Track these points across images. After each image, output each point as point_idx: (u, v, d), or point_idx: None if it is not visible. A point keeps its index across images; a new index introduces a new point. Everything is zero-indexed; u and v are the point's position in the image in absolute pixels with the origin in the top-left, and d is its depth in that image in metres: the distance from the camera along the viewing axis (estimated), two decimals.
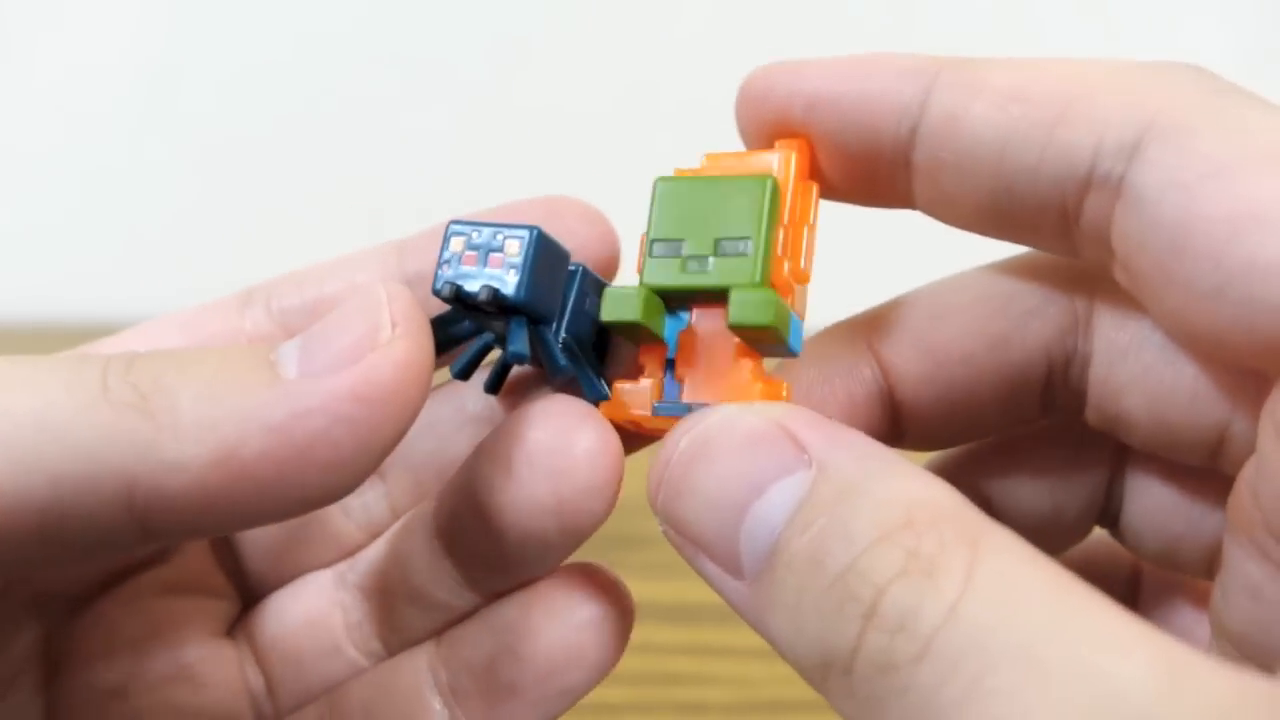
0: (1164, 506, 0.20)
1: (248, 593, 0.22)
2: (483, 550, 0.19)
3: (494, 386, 0.20)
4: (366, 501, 0.22)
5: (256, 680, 0.21)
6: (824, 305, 0.21)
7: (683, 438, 0.16)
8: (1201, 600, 0.21)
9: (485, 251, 0.18)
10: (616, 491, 0.18)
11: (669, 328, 0.19)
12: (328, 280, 0.21)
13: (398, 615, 0.21)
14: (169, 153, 0.63)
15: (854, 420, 0.20)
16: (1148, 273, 0.16)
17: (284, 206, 0.63)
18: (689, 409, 0.17)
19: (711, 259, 0.18)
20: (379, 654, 0.21)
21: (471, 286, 0.17)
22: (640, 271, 0.18)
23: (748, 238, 0.17)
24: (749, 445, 0.15)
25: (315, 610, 0.21)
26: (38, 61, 0.62)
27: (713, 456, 0.15)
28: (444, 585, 0.20)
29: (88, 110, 0.63)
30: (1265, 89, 0.16)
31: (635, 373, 0.19)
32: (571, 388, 0.19)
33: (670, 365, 0.19)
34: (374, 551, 0.21)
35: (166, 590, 0.21)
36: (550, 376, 0.19)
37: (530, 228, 0.18)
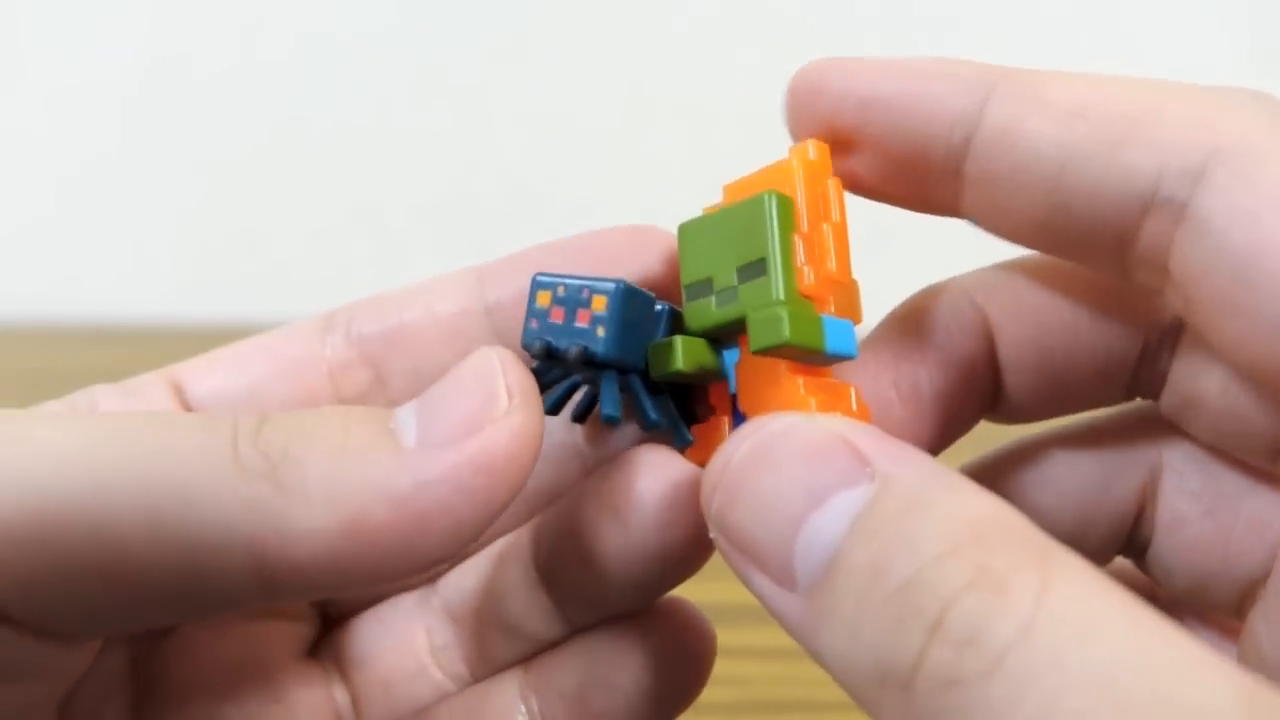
0: (1200, 541, 0.20)
1: (327, 614, 0.23)
2: (584, 589, 0.20)
3: (581, 416, 0.20)
4: None
5: (344, 702, 0.21)
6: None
7: (742, 444, 0.16)
8: (1223, 634, 0.21)
9: (572, 306, 0.18)
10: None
11: (727, 363, 0.19)
12: (408, 308, 0.21)
13: (488, 643, 0.21)
14: (170, 153, 0.63)
15: (960, 380, 0.20)
16: (1209, 301, 0.15)
17: (284, 206, 0.63)
18: None
19: (737, 288, 0.18)
20: (465, 679, 0.21)
21: (561, 344, 0.18)
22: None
23: (763, 258, 0.17)
24: (810, 455, 0.15)
25: (401, 633, 0.22)
26: (38, 60, 0.62)
27: (772, 465, 0.15)
28: (538, 617, 0.20)
29: (89, 111, 0.63)
30: (1265, 89, 0.16)
31: (709, 412, 0.19)
32: (661, 433, 0.20)
33: (734, 400, 0.19)
34: (464, 579, 0.22)
35: (251, 614, 0.21)
36: (641, 429, 0.19)
37: (616, 282, 0.18)
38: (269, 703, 0.21)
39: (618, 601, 0.20)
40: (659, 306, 0.19)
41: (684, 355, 0.18)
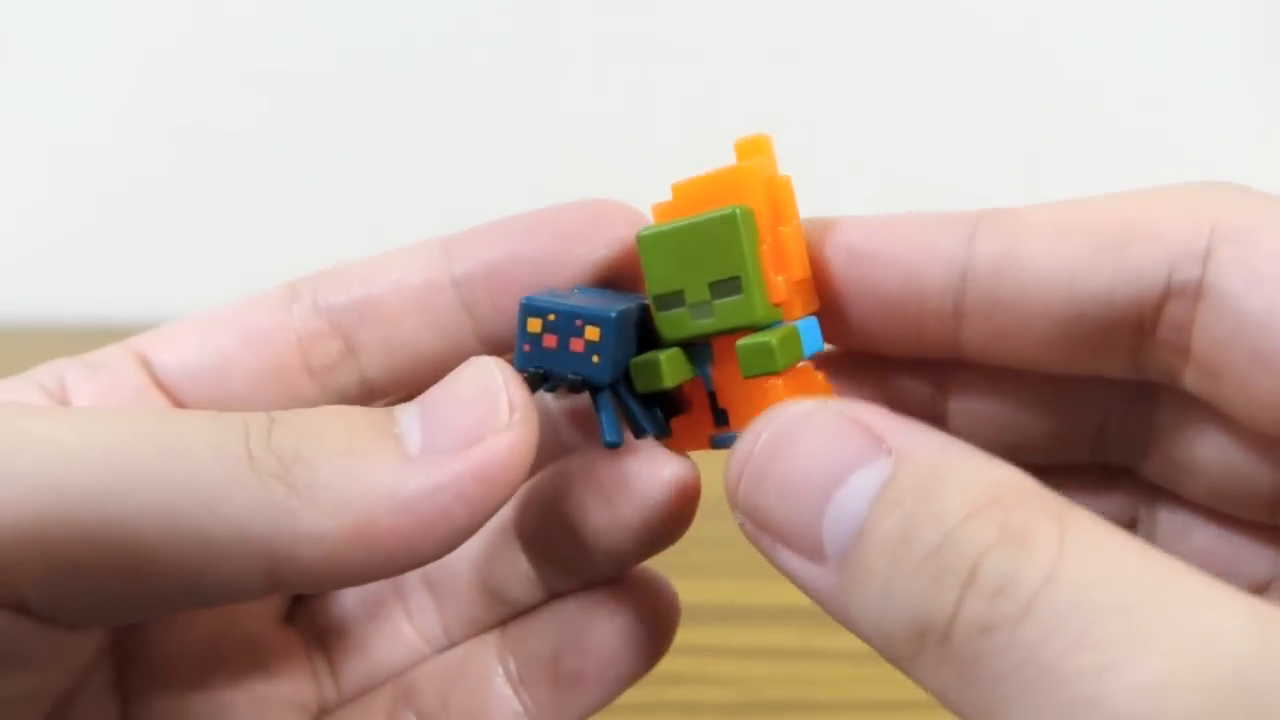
0: (1204, 550, 0.20)
1: None
2: (567, 560, 0.21)
3: (535, 387, 0.20)
4: None
5: (322, 666, 0.22)
6: None
7: (763, 432, 0.17)
8: None
9: (565, 334, 0.18)
10: (693, 517, 0.20)
11: (701, 364, 0.20)
12: (374, 279, 0.21)
13: (466, 607, 0.22)
14: (168, 154, 0.63)
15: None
16: (1233, 365, 0.17)
17: (282, 207, 0.63)
18: None
19: (712, 303, 0.18)
20: (441, 642, 0.22)
21: (560, 371, 0.18)
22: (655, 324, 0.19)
23: (736, 276, 0.18)
24: (829, 436, 0.16)
25: (378, 598, 0.22)
26: (38, 59, 0.62)
27: (794, 449, 0.16)
28: (517, 584, 0.21)
29: (91, 111, 0.63)
30: (1266, 88, 0.16)
31: (684, 404, 0.20)
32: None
33: (712, 398, 0.20)
34: None
35: None
36: (635, 436, 0.20)
37: (607, 315, 0.18)
38: (250, 669, 0.21)
39: (597, 571, 0.21)
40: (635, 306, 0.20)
41: (669, 374, 0.19)
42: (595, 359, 0.18)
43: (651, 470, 0.19)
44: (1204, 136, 0.58)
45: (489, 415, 0.16)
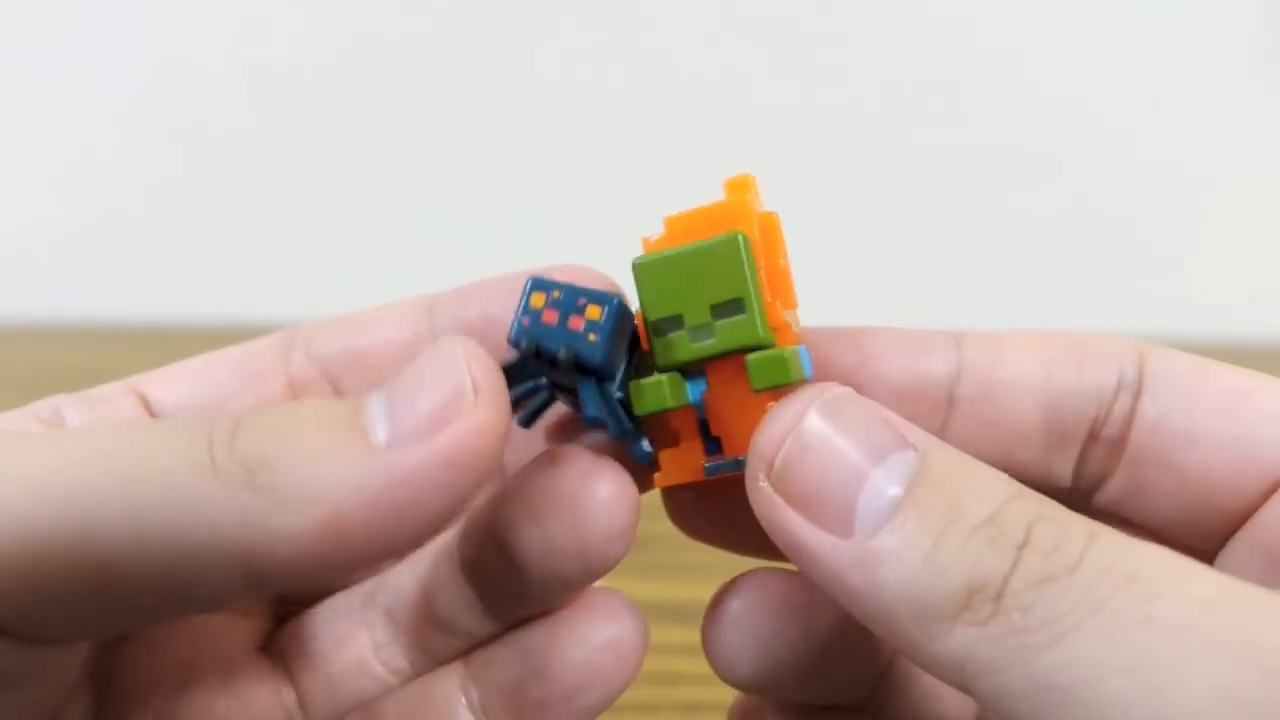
0: None
1: (278, 610, 0.23)
2: (507, 585, 0.20)
3: (529, 422, 0.21)
4: None
5: (289, 696, 0.22)
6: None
7: (809, 405, 0.18)
8: None
9: (566, 311, 0.19)
10: (633, 534, 0.19)
11: (692, 392, 0.20)
12: (364, 332, 0.22)
13: (425, 639, 0.22)
14: (170, 154, 0.63)
15: None
16: (1167, 440, 0.20)
17: (284, 207, 0.63)
18: (739, 463, 0.19)
19: (713, 324, 0.19)
20: (406, 673, 0.22)
21: (552, 345, 0.18)
22: (649, 351, 0.19)
23: (740, 297, 0.19)
24: (866, 423, 0.17)
25: (344, 629, 0.23)
26: (38, 60, 0.62)
27: (838, 426, 0.17)
28: (468, 614, 0.21)
29: (90, 112, 0.63)
30: (1265, 89, 0.16)
31: (671, 439, 0.20)
32: (618, 442, 0.20)
33: (703, 425, 0.20)
34: (400, 578, 0.22)
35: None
36: (610, 436, 0.20)
37: (612, 296, 0.19)
38: (223, 696, 0.21)
39: (540, 598, 0.21)
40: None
41: (672, 393, 0.19)
42: (592, 337, 0.18)
43: (585, 488, 0.19)
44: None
45: (453, 398, 0.16)
